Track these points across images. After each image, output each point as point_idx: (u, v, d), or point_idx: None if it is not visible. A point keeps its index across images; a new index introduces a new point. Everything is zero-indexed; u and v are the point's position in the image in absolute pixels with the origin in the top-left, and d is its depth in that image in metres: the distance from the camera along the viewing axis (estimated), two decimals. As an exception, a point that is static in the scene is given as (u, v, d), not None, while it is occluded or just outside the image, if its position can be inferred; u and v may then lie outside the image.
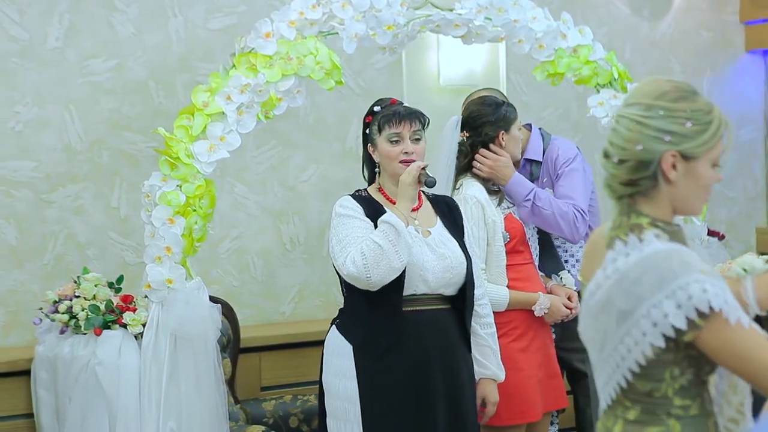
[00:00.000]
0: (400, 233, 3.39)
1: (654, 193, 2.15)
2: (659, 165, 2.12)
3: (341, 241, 3.46)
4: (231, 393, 4.52)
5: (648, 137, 2.11)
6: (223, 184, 4.92)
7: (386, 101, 3.66)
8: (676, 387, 2.12)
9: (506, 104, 4.10)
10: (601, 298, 2.11)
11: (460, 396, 3.56)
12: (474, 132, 4.05)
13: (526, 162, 4.31)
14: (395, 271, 3.40)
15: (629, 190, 2.16)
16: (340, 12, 4.01)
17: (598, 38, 4.59)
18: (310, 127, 5.25)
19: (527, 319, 3.99)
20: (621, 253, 2.10)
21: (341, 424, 3.53)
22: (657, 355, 2.07)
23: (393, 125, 3.57)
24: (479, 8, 4.20)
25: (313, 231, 5.23)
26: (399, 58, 5.31)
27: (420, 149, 3.58)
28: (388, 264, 3.38)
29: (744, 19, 6.25)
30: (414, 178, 3.49)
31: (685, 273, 2.02)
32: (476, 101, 4.13)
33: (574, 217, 4.13)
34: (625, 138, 2.14)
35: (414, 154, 3.56)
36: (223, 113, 3.88)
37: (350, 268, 3.39)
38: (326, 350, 3.61)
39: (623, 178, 2.15)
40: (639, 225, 2.14)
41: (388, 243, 3.37)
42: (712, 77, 6.20)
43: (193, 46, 4.98)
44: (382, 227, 3.41)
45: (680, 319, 2.01)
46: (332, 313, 3.73)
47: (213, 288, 4.74)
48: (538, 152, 4.31)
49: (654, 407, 2.14)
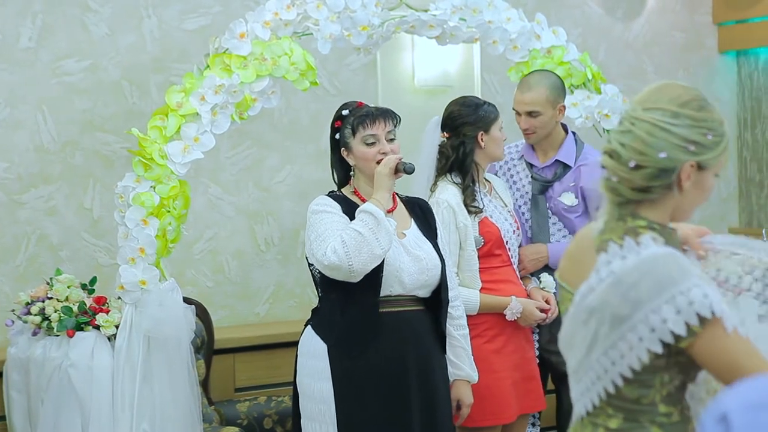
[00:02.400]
0: (379, 221, 3.38)
1: (661, 199, 2.12)
2: (678, 174, 2.08)
3: (320, 235, 3.44)
4: (205, 394, 4.50)
5: (673, 145, 2.07)
6: (197, 184, 4.91)
7: (353, 104, 3.64)
8: (664, 393, 2.09)
9: (487, 104, 4.08)
10: (593, 302, 2.05)
11: (434, 397, 3.56)
12: (454, 132, 4.05)
13: (556, 163, 4.28)
14: (377, 258, 3.39)
15: (639, 196, 2.11)
16: (314, 13, 4.01)
17: (572, 39, 4.61)
18: (285, 128, 5.25)
19: (502, 320, 3.99)
20: (616, 255, 2.04)
21: (316, 426, 3.52)
22: (650, 360, 2.02)
23: (367, 127, 3.56)
24: (454, 9, 4.21)
25: (288, 232, 5.22)
26: (374, 59, 5.32)
27: (395, 148, 3.58)
28: (370, 251, 3.36)
29: (717, 20, 6.29)
30: (391, 169, 3.48)
31: (685, 278, 1.97)
32: (457, 101, 4.12)
33: None
34: (647, 143, 2.07)
35: (391, 153, 3.56)
36: (198, 114, 3.87)
37: (331, 258, 3.36)
38: (300, 351, 3.60)
39: (638, 183, 2.09)
40: (635, 228, 2.10)
41: (368, 230, 3.36)
42: (685, 78, 6.23)
43: (168, 46, 4.96)
44: (361, 216, 3.40)
45: (679, 324, 1.96)
46: (307, 314, 3.72)
47: (187, 289, 4.73)
48: (572, 157, 4.26)
49: (638, 414, 2.10)
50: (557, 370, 4.35)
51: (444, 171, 4.05)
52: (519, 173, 4.32)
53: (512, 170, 4.33)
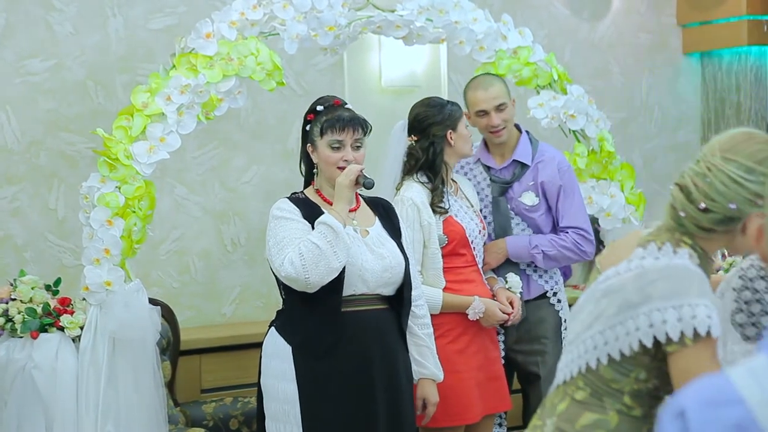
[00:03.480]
0: (338, 234, 3.39)
1: (718, 236, 2.21)
2: (744, 222, 2.16)
3: (278, 243, 3.45)
4: (170, 395, 4.48)
5: (744, 199, 2.15)
6: (163, 185, 4.88)
7: (329, 100, 3.63)
8: (634, 388, 2.19)
9: (450, 103, 4.11)
10: (613, 284, 2.17)
11: (398, 396, 3.57)
12: (422, 134, 4.05)
13: (514, 163, 4.29)
14: (334, 271, 3.40)
15: (700, 233, 2.20)
16: (281, 13, 4.00)
17: (538, 40, 4.63)
18: (252, 128, 5.23)
19: (465, 320, 4.00)
20: (652, 254, 2.16)
21: (281, 426, 3.51)
22: (637, 353, 2.14)
23: (335, 132, 3.55)
24: (420, 9, 4.21)
25: (255, 232, 5.21)
26: (340, 59, 5.31)
27: (360, 157, 3.57)
28: (327, 264, 3.37)
29: (681, 21, 6.34)
30: (351, 181, 3.49)
31: (699, 296, 2.09)
32: (421, 103, 4.13)
33: (578, 245, 4.24)
34: (719, 192, 2.16)
35: (354, 162, 3.55)
36: (163, 114, 3.85)
37: (288, 270, 3.38)
38: (264, 352, 3.60)
39: (703, 224, 2.18)
40: (679, 240, 2.20)
41: (326, 243, 3.37)
42: (650, 79, 6.28)
43: (133, 46, 4.94)
44: (320, 228, 3.41)
45: (676, 330, 2.07)
46: (273, 315, 3.72)
47: (153, 290, 4.71)
48: (528, 156, 4.28)
49: (604, 395, 2.20)
50: (523, 370, 4.36)
51: (412, 172, 4.05)
52: (477, 177, 4.32)
53: (469, 174, 4.34)
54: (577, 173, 4.39)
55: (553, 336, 4.30)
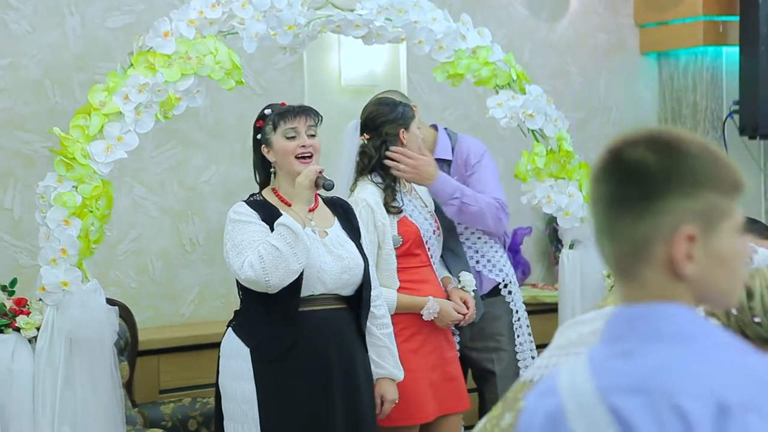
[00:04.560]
0: (297, 235, 3.39)
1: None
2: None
3: (237, 246, 3.44)
4: (128, 396, 4.46)
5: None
6: (121, 184, 4.85)
7: (276, 105, 3.69)
8: None
9: (402, 103, 4.13)
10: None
11: (357, 396, 3.57)
12: (375, 133, 4.05)
13: (438, 162, 4.32)
14: (294, 273, 3.40)
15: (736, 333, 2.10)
16: (240, 11, 3.98)
17: (497, 40, 4.64)
18: (210, 128, 5.21)
19: (419, 320, 4.00)
20: None
21: (239, 427, 3.51)
22: None
23: (288, 121, 3.58)
24: (380, 9, 4.21)
25: (214, 232, 5.18)
26: (300, 58, 5.31)
27: (316, 144, 3.60)
28: (287, 267, 3.37)
29: (638, 21, 6.39)
30: (311, 181, 3.49)
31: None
32: (373, 102, 4.15)
33: (498, 209, 4.19)
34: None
35: (311, 147, 3.57)
36: (121, 113, 3.82)
37: (248, 273, 3.37)
38: (222, 353, 3.59)
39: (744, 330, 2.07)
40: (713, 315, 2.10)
41: (286, 245, 3.37)
42: (608, 79, 6.33)
43: (91, 44, 4.90)
44: (279, 230, 3.40)
45: None
46: (233, 315, 3.71)
47: (110, 290, 4.67)
48: (448, 151, 4.33)
49: None
50: (478, 368, 4.39)
51: (365, 172, 4.06)
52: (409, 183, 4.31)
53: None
54: (535, 173, 4.42)
55: (507, 332, 4.34)
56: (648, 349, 1.52)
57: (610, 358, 1.54)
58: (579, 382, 1.54)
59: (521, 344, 4.36)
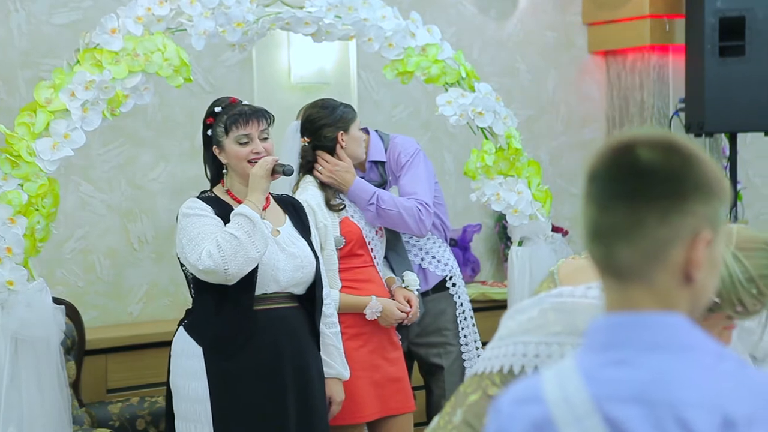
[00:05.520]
0: (255, 224, 3.38)
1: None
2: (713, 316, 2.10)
3: (193, 239, 3.42)
4: (75, 396, 4.42)
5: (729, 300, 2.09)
6: (67, 182, 4.81)
7: (225, 101, 3.64)
8: None
9: (343, 105, 4.14)
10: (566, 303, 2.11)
11: (310, 394, 3.57)
12: (314, 136, 4.06)
13: (372, 165, 4.33)
14: (252, 261, 3.38)
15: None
16: (188, 8, 3.96)
17: (447, 38, 4.66)
18: (159, 125, 5.18)
19: (362, 320, 4.00)
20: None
21: (191, 426, 3.49)
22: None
23: (240, 127, 3.55)
24: (329, 6, 4.21)
25: (163, 230, 5.15)
26: (249, 56, 5.29)
27: (269, 147, 3.58)
28: (246, 255, 3.35)
29: (586, 20, 6.44)
30: (267, 170, 3.48)
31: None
32: (314, 105, 4.15)
33: (419, 212, 4.18)
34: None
35: (264, 152, 3.55)
36: (67, 110, 3.78)
37: (207, 262, 3.35)
38: (174, 352, 3.56)
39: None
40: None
41: (244, 234, 3.35)
42: (556, 77, 6.37)
43: (36, 41, 4.85)
44: (237, 219, 3.39)
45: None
46: (182, 313, 3.69)
47: (57, 289, 4.63)
48: (381, 153, 4.34)
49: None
50: (426, 362, 4.41)
51: (306, 173, 4.07)
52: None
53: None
54: (484, 170, 4.43)
55: (453, 326, 4.37)
56: (646, 358, 1.49)
57: (603, 367, 1.51)
58: (570, 391, 1.50)
59: (466, 336, 4.39)
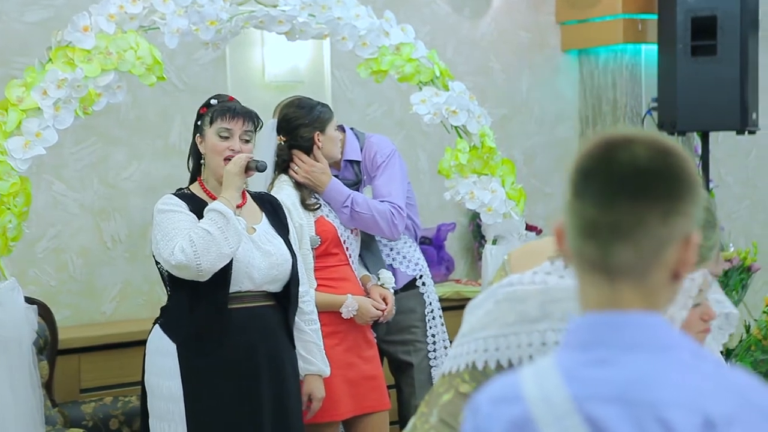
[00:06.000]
0: (228, 220, 3.38)
1: None
2: None
3: (167, 234, 3.41)
4: (48, 396, 4.40)
5: None
6: (39, 181, 4.78)
7: (224, 97, 3.67)
8: None
9: (320, 105, 4.14)
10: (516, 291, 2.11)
11: (284, 392, 3.57)
12: (290, 135, 4.06)
13: (347, 163, 4.33)
14: (225, 257, 3.38)
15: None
16: (161, 6, 3.94)
17: (421, 37, 4.66)
18: (132, 124, 5.16)
19: (337, 318, 4.00)
20: (558, 271, 2.10)
21: (165, 425, 3.48)
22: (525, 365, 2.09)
23: (225, 120, 3.56)
24: (303, 5, 4.20)
25: (136, 229, 5.14)
26: (223, 54, 5.28)
27: (248, 150, 3.58)
28: (218, 250, 3.35)
29: (560, 19, 6.46)
30: (241, 167, 3.48)
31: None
32: (290, 104, 4.14)
33: (392, 215, 4.18)
34: None
35: (241, 153, 3.55)
36: (39, 109, 3.77)
37: (179, 258, 3.34)
38: (149, 350, 3.55)
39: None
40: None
41: (217, 229, 3.35)
42: (530, 76, 6.39)
43: (8, 39, 4.82)
44: (210, 215, 3.39)
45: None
46: (155, 312, 3.68)
47: (29, 288, 4.61)
48: (357, 152, 4.34)
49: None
50: (395, 360, 4.42)
51: (281, 172, 4.07)
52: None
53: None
54: (459, 169, 4.44)
55: (422, 324, 4.38)
56: (627, 358, 1.49)
57: (584, 366, 1.51)
58: (550, 390, 1.50)
59: (434, 336, 4.40)
